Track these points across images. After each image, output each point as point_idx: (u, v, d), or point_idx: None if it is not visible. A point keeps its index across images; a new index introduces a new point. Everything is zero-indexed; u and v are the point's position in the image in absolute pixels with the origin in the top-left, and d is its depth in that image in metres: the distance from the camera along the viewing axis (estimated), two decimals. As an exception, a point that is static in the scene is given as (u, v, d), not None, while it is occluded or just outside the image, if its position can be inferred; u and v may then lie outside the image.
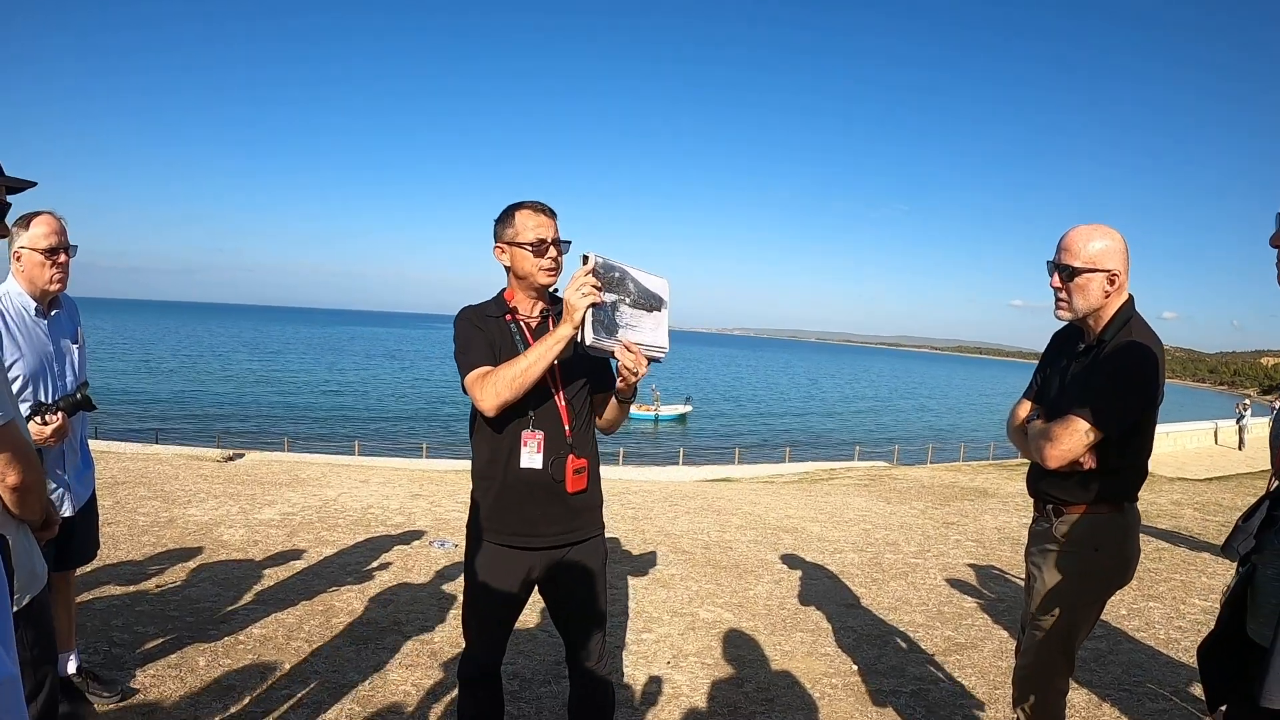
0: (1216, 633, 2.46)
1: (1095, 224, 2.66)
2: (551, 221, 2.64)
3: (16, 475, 2.00)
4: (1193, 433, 24.01)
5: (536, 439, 2.59)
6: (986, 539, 7.92)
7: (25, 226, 3.10)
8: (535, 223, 2.61)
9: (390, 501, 8.25)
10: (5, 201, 1.94)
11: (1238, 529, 2.30)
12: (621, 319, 2.43)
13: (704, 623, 4.98)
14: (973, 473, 14.52)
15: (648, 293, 2.51)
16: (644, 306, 2.50)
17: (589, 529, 2.74)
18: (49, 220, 3.14)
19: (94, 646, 4.01)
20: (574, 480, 2.62)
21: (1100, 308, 2.65)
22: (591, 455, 2.74)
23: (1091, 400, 2.56)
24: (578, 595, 2.75)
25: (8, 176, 1.92)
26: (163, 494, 7.73)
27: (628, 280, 2.46)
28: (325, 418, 40.51)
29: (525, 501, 2.62)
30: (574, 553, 2.71)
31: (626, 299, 2.45)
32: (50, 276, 3.13)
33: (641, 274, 2.51)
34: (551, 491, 2.62)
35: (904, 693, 4.07)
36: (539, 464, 2.59)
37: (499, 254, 2.69)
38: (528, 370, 2.44)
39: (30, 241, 3.08)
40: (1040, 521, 2.90)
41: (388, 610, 4.84)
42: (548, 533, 2.64)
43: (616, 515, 8.21)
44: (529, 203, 2.65)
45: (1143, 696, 4.11)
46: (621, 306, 2.44)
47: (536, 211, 2.63)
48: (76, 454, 3.33)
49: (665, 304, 2.56)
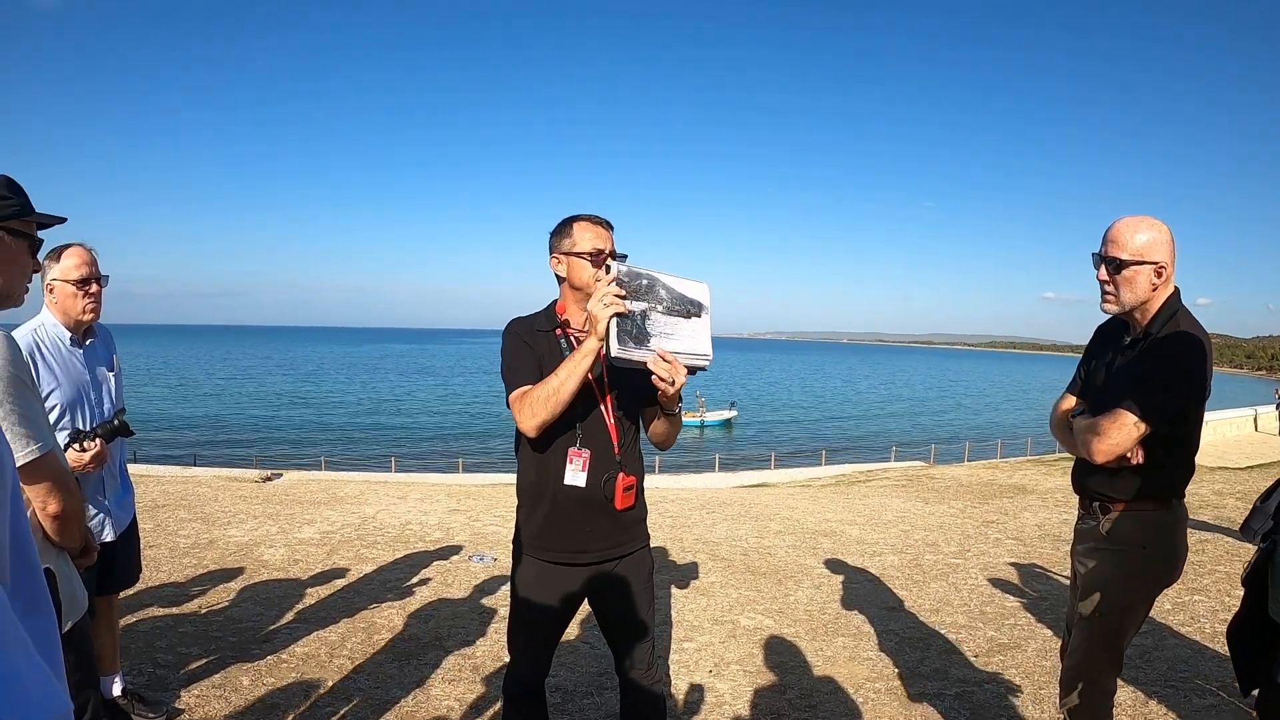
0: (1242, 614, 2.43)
1: (1142, 215, 2.60)
2: (609, 234, 2.63)
3: (57, 504, 2.05)
4: (1232, 420, 23.61)
5: (583, 457, 2.57)
6: (1027, 536, 7.81)
7: (57, 259, 3.16)
8: (593, 234, 2.60)
9: (428, 517, 8.29)
10: (37, 237, 2.01)
11: (1256, 510, 2.28)
12: (654, 327, 2.36)
13: (745, 630, 4.95)
14: (1011, 469, 14.35)
15: (684, 298, 2.43)
16: (680, 313, 2.42)
17: (636, 542, 2.73)
18: (80, 252, 3.19)
19: (139, 668, 4.05)
20: (623, 498, 2.60)
21: (1147, 300, 2.61)
22: (639, 470, 2.71)
23: (1140, 394, 2.51)
24: (623, 607, 2.72)
25: (38, 213, 1.99)
26: (203, 516, 7.82)
27: (658, 287, 2.39)
28: (361, 436, 40.90)
29: (575, 519, 2.60)
30: (620, 566, 2.69)
31: (659, 306, 2.38)
32: (84, 307, 3.18)
33: (677, 280, 2.44)
34: (601, 509, 2.60)
35: (948, 695, 4.02)
36: (582, 482, 2.56)
37: (555, 264, 2.66)
38: (560, 389, 2.41)
39: (62, 273, 3.14)
40: (1086, 519, 2.83)
41: (429, 626, 4.86)
42: (596, 549, 2.63)
43: (654, 524, 8.17)
44: (587, 215, 2.64)
45: (1189, 693, 4.02)
46: (653, 314, 2.37)
47: (594, 223, 2.62)
48: (116, 479, 3.38)
49: (705, 309, 2.48)
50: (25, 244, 1.97)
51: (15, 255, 1.95)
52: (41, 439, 2.02)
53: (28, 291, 2.04)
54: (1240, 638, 2.45)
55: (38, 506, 2.06)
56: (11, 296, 1.98)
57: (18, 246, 1.95)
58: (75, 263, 3.16)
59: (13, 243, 1.93)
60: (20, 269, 1.98)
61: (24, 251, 1.97)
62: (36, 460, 2.01)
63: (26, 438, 1.98)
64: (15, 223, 1.92)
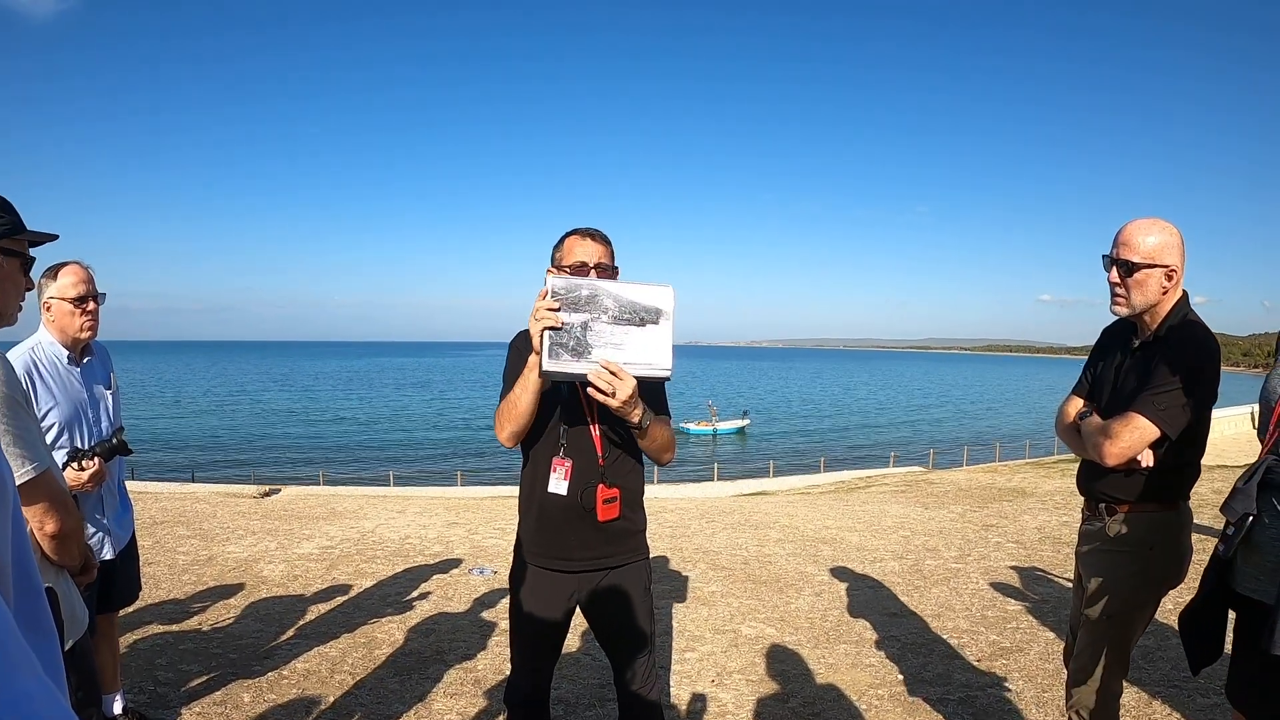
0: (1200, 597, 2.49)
1: (1153, 218, 2.61)
2: (599, 247, 2.62)
3: (55, 523, 2.04)
4: (1230, 418, 23.61)
5: (565, 466, 2.59)
6: (1027, 540, 7.81)
7: (54, 277, 3.16)
8: (581, 248, 2.61)
9: (428, 531, 8.28)
10: (29, 255, 2.00)
11: (1236, 490, 2.32)
12: (598, 339, 2.33)
13: (746, 639, 4.94)
14: (1010, 473, 14.36)
15: (637, 306, 2.37)
16: (632, 321, 2.36)
17: (628, 555, 2.72)
18: (76, 270, 3.19)
19: (139, 686, 4.04)
20: (604, 509, 2.60)
21: (1157, 303, 2.62)
22: (628, 483, 2.69)
23: (1152, 396, 2.51)
24: (619, 618, 2.73)
25: (30, 231, 1.99)
26: (201, 532, 7.81)
27: (602, 297, 2.35)
28: (359, 450, 40.80)
29: (560, 526, 2.63)
30: (614, 576, 2.69)
31: (604, 316, 2.34)
32: (80, 325, 3.18)
33: (632, 287, 2.38)
34: (582, 518, 2.61)
35: (951, 700, 4.01)
36: (565, 490, 2.58)
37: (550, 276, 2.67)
38: (515, 402, 2.50)
39: (59, 291, 3.14)
40: (1092, 521, 2.83)
41: (430, 640, 4.85)
42: (582, 557, 2.65)
43: (654, 534, 8.17)
44: (581, 229, 2.66)
45: (1193, 692, 4.02)
46: (596, 325, 2.33)
47: (584, 237, 2.63)
48: (115, 497, 3.38)
49: (665, 315, 2.39)
50: (17, 262, 1.97)
51: (7, 274, 1.95)
52: (38, 458, 2.01)
53: (21, 310, 2.03)
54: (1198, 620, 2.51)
55: (35, 526, 2.05)
56: (4, 316, 1.98)
57: (10, 265, 1.95)
58: (72, 280, 3.16)
59: (4, 261, 1.93)
60: (13, 287, 1.98)
61: (16, 270, 1.97)
62: (34, 480, 2.00)
63: (23, 458, 1.97)
64: (6, 241, 1.92)
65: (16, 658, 0.73)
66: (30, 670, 0.75)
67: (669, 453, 2.73)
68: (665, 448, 2.70)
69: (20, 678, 0.72)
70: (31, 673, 0.75)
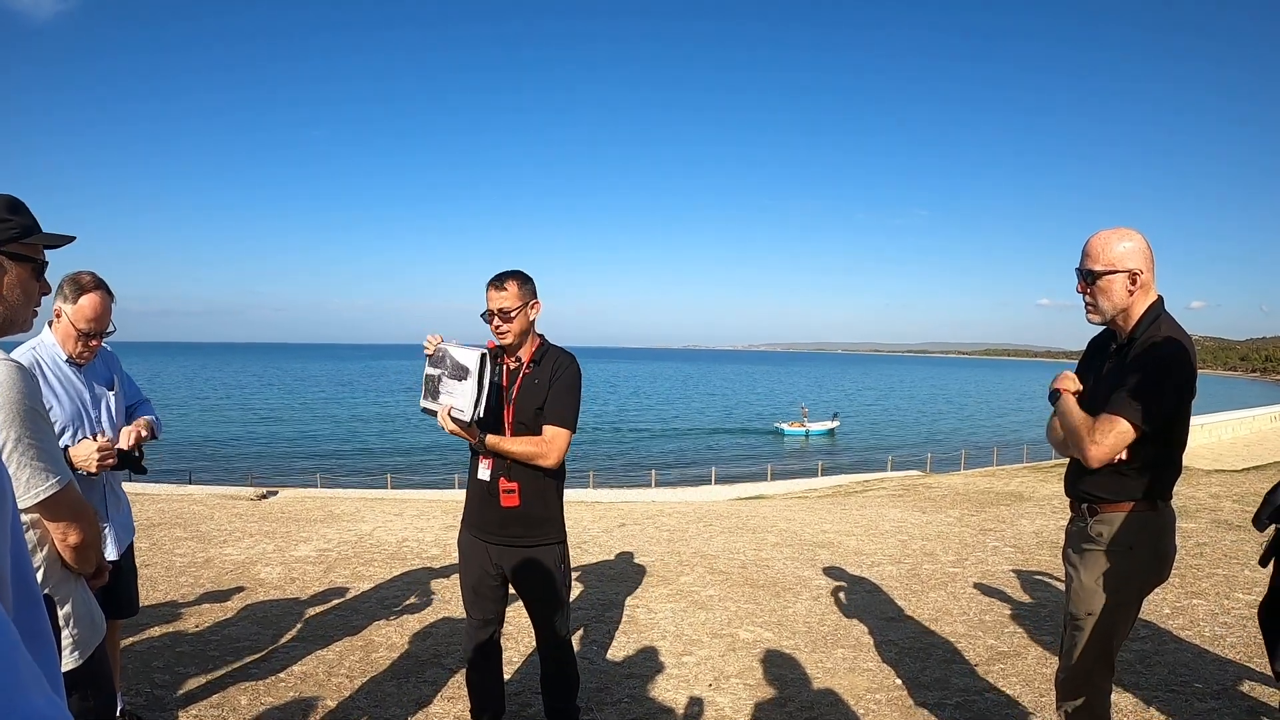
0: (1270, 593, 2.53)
1: (1116, 227, 2.71)
2: (498, 294, 3.17)
3: (78, 535, 2.05)
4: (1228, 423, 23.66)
5: (488, 461, 3.28)
6: (1025, 544, 7.81)
7: (76, 293, 3.07)
8: (489, 296, 3.19)
9: (425, 534, 8.27)
10: (43, 260, 1.94)
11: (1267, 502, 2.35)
12: (444, 388, 3.16)
13: (744, 643, 4.94)
14: (1007, 477, 14.36)
15: (460, 365, 3.09)
16: (456, 377, 3.10)
17: (538, 537, 3.29)
18: (94, 304, 3.09)
19: (136, 688, 4.04)
20: (505, 497, 3.23)
21: (1127, 307, 2.70)
22: (531, 479, 3.23)
23: (1128, 397, 2.58)
24: (533, 588, 3.32)
25: (44, 234, 1.92)
26: (198, 534, 7.79)
27: (446, 357, 3.16)
28: (357, 452, 40.70)
29: (478, 505, 3.34)
30: (527, 553, 3.28)
31: (445, 372, 3.15)
32: (79, 351, 3.11)
33: (460, 349, 3.13)
34: (491, 502, 3.27)
35: (949, 705, 4.01)
36: (486, 477, 3.27)
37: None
38: None
39: (72, 314, 3.04)
40: (1076, 521, 2.93)
41: (427, 643, 4.85)
42: (493, 531, 3.29)
43: (651, 538, 8.19)
44: (493, 278, 3.20)
45: (1190, 697, 4.03)
46: (444, 379, 3.16)
47: (491, 286, 3.19)
48: (119, 497, 3.41)
49: (470, 373, 3.05)
50: (30, 268, 1.89)
51: (19, 280, 1.87)
52: (60, 472, 1.99)
53: (35, 315, 1.96)
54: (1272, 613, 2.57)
55: (58, 539, 2.05)
56: (15, 323, 1.90)
57: (21, 270, 1.87)
58: (87, 315, 3.06)
59: (13, 267, 1.85)
60: (25, 293, 1.90)
61: (29, 276, 1.90)
62: (57, 494, 1.98)
63: (46, 471, 1.96)
64: (15, 246, 1.84)
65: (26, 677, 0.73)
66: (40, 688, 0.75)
67: (541, 460, 3.19)
68: (527, 459, 3.20)
69: (32, 696, 0.73)
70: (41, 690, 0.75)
